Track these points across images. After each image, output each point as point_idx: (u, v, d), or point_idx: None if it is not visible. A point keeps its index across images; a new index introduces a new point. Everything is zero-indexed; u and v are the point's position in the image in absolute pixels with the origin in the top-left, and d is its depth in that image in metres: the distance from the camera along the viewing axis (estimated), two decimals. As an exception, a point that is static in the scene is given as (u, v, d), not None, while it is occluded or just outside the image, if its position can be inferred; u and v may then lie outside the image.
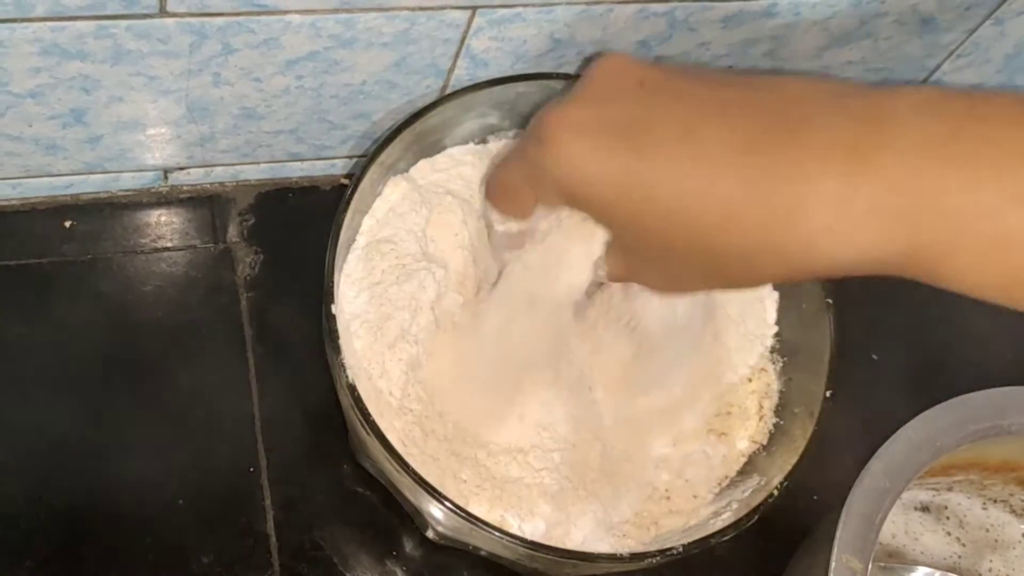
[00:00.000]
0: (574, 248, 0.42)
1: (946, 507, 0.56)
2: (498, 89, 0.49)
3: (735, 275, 0.36)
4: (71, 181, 0.53)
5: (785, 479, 0.45)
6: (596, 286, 0.45)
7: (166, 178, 0.55)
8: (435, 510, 0.43)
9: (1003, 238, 0.31)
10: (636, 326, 0.48)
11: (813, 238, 0.33)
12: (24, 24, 0.42)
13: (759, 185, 0.33)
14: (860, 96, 0.34)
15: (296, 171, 0.57)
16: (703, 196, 0.34)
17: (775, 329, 0.52)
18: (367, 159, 0.47)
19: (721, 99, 0.35)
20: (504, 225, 0.43)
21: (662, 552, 0.43)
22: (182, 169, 0.54)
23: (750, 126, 0.34)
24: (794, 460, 0.46)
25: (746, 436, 0.51)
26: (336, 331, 0.43)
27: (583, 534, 0.46)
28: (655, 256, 0.38)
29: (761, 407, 0.51)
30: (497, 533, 0.42)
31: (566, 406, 0.48)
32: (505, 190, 0.42)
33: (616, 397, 0.49)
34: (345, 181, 0.58)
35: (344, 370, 0.43)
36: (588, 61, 0.37)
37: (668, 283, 0.40)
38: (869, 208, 0.32)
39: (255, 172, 0.56)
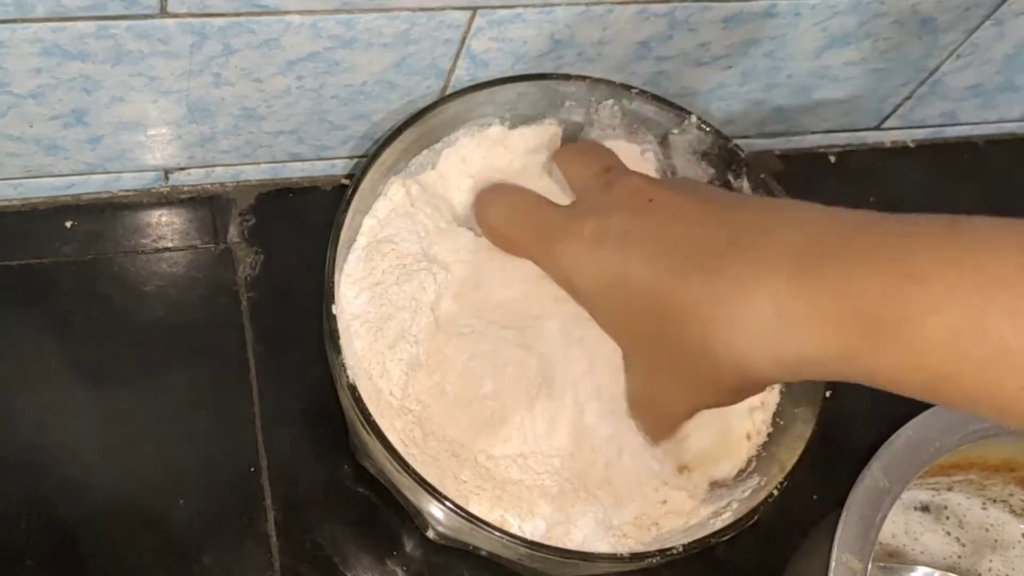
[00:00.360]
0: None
1: (946, 507, 0.56)
2: (499, 89, 0.49)
3: (710, 378, 0.40)
4: (72, 181, 0.53)
5: (785, 479, 0.45)
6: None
7: (167, 178, 0.55)
8: (435, 510, 0.43)
9: (921, 343, 0.33)
10: None
11: (759, 337, 0.36)
12: (25, 25, 0.42)
13: (715, 289, 0.38)
14: (825, 214, 0.38)
15: (297, 171, 0.57)
16: (675, 296, 0.39)
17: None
18: (368, 159, 0.47)
19: (708, 217, 0.40)
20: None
21: (662, 552, 0.43)
22: (183, 169, 0.54)
23: (721, 237, 0.39)
24: (794, 460, 0.46)
25: (745, 436, 0.51)
26: (336, 331, 0.43)
27: (583, 534, 0.46)
28: (645, 369, 0.43)
29: (761, 407, 0.51)
30: (497, 533, 0.42)
31: (565, 420, 0.48)
32: (504, 238, 0.47)
33: (614, 411, 0.49)
34: (346, 181, 0.58)
35: (344, 370, 0.43)
36: (616, 180, 0.44)
37: (668, 402, 0.44)
38: (809, 310, 0.35)
39: (256, 172, 0.56)
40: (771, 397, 0.51)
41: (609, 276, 0.41)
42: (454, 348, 0.47)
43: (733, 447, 0.50)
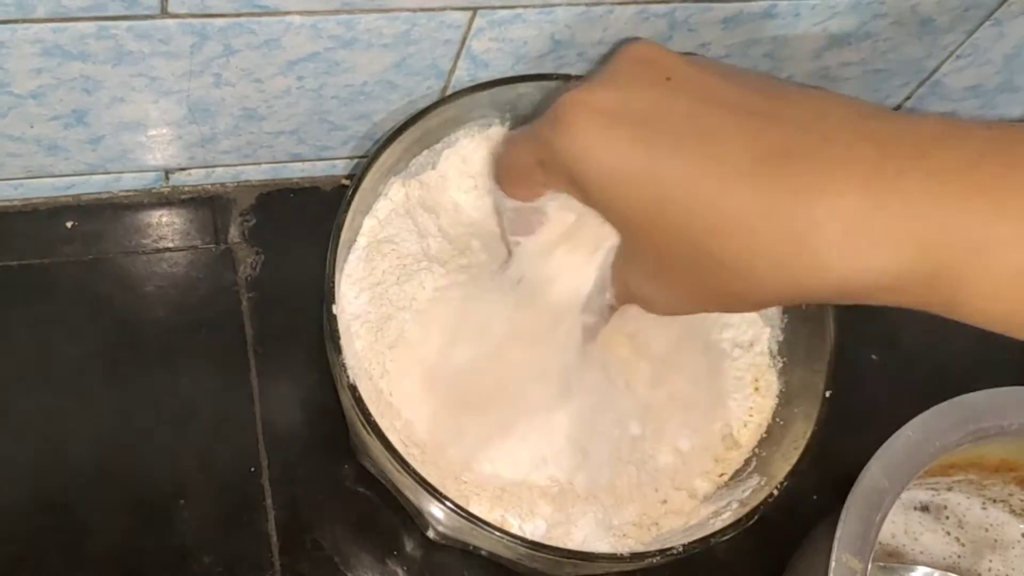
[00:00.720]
0: (577, 256, 0.41)
1: (946, 507, 0.56)
2: (499, 90, 0.49)
3: (738, 291, 0.35)
4: (72, 182, 0.53)
5: (785, 479, 0.45)
6: (608, 309, 0.44)
7: (167, 179, 0.55)
8: (436, 510, 0.43)
9: (1022, 270, 0.30)
10: (643, 351, 0.48)
11: (825, 256, 0.32)
12: (25, 25, 0.42)
13: (774, 198, 0.32)
14: (886, 120, 0.33)
15: (297, 172, 0.57)
16: (716, 203, 0.33)
17: (777, 333, 0.52)
18: (368, 160, 0.47)
19: (748, 106, 0.34)
20: (513, 204, 0.42)
21: (662, 552, 0.43)
22: (183, 170, 0.55)
23: (772, 138, 0.33)
24: (794, 460, 0.46)
25: (745, 436, 0.51)
26: (337, 331, 0.43)
27: (583, 534, 0.46)
28: (659, 266, 0.37)
29: (756, 405, 0.51)
30: (498, 533, 0.42)
31: (570, 432, 0.48)
32: (514, 170, 0.40)
33: (626, 421, 0.49)
34: (346, 182, 0.58)
35: (345, 370, 0.43)
36: (616, 47, 0.36)
37: (669, 301, 0.39)
38: (886, 231, 0.31)
39: (256, 173, 0.56)
40: (769, 400, 0.51)
41: (629, 168, 0.34)
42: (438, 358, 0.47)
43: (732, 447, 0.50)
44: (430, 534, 0.49)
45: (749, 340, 0.52)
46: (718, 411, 0.51)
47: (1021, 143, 0.31)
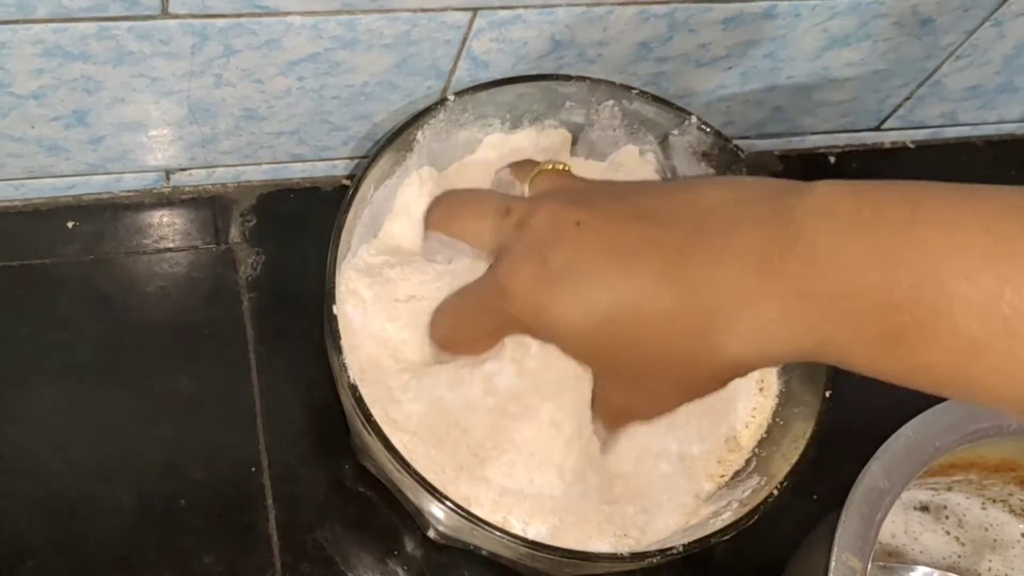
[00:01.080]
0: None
1: (945, 507, 0.56)
2: (499, 90, 0.49)
3: (694, 380, 0.40)
4: (73, 182, 0.53)
5: (785, 479, 0.45)
6: None
7: (168, 179, 0.55)
8: (436, 510, 0.43)
9: (892, 334, 0.33)
10: None
11: (741, 337, 0.37)
12: (26, 26, 0.42)
13: (690, 298, 0.37)
14: (767, 202, 0.37)
15: (298, 172, 0.57)
16: (649, 314, 0.38)
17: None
18: (368, 160, 0.47)
19: (647, 230, 0.39)
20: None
21: (662, 552, 0.43)
22: (184, 170, 0.55)
23: (676, 248, 0.38)
24: (794, 460, 0.46)
25: (746, 436, 0.51)
26: (338, 331, 0.43)
27: (584, 534, 0.46)
28: (631, 382, 0.42)
29: (759, 405, 0.51)
30: (498, 533, 0.42)
31: (568, 422, 0.47)
32: (467, 338, 0.46)
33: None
34: (346, 182, 0.58)
35: (346, 370, 0.43)
36: (528, 213, 0.42)
37: (652, 406, 0.43)
38: (780, 311, 0.35)
39: (257, 173, 0.56)
40: (769, 400, 0.51)
41: (570, 311, 0.40)
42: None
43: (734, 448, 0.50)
44: (430, 534, 0.49)
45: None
46: (728, 416, 0.51)
47: (882, 215, 0.34)
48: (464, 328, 0.46)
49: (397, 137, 0.47)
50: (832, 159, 0.67)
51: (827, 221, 0.35)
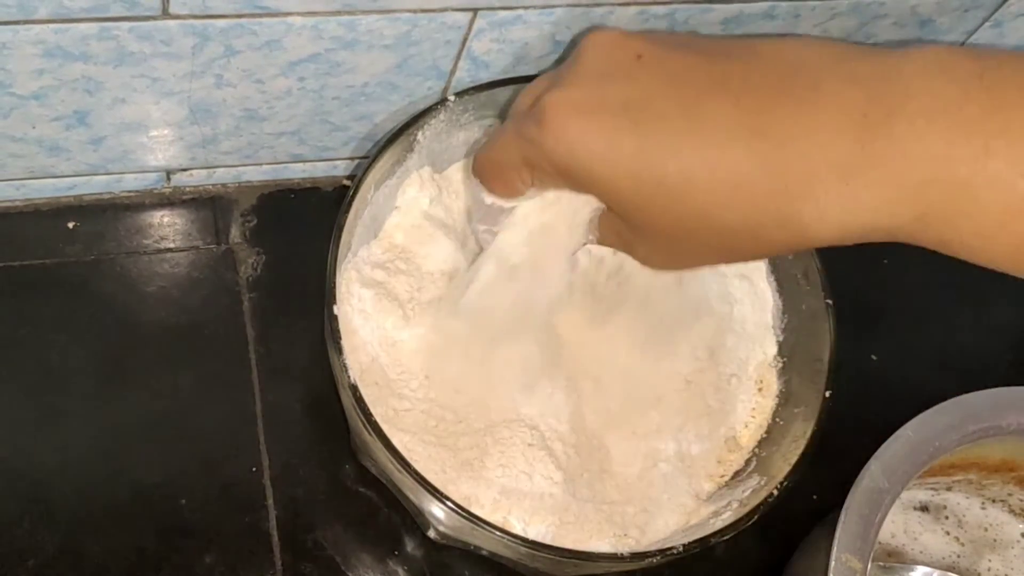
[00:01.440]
0: (561, 222, 0.41)
1: (945, 507, 0.56)
2: (499, 91, 0.49)
3: (741, 248, 0.36)
4: (74, 182, 0.53)
5: (785, 479, 0.45)
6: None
7: (169, 179, 0.55)
8: (437, 510, 0.43)
9: (1012, 207, 0.30)
10: (637, 317, 0.48)
11: (824, 206, 0.32)
12: (27, 26, 0.42)
13: (768, 157, 0.33)
14: (866, 60, 0.33)
15: (298, 172, 0.57)
16: (712, 172, 0.34)
17: (777, 333, 0.52)
18: (369, 160, 0.47)
19: (722, 71, 0.35)
20: (491, 200, 0.42)
21: (662, 552, 0.43)
22: (185, 170, 0.55)
23: (755, 97, 0.33)
24: (794, 460, 0.46)
25: (746, 436, 0.51)
26: (338, 331, 0.43)
27: (584, 534, 0.47)
28: (658, 234, 0.37)
29: (758, 405, 0.51)
30: (498, 533, 0.42)
31: (565, 400, 0.48)
32: (498, 169, 0.41)
33: (618, 397, 0.49)
34: (347, 182, 0.58)
35: (346, 370, 0.43)
36: (580, 37, 0.37)
37: (666, 260, 0.39)
38: (879, 176, 0.32)
39: (257, 173, 0.56)
40: (769, 400, 0.51)
41: (620, 154, 0.34)
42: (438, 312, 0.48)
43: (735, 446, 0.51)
44: (431, 534, 0.49)
45: (749, 343, 0.52)
46: (728, 416, 0.51)
47: (1004, 81, 0.31)
48: (496, 155, 0.40)
49: (397, 137, 0.47)
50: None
51: (945, 81, 0.31)
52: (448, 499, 0.42)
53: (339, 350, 0.43)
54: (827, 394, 0.47)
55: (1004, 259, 0.32)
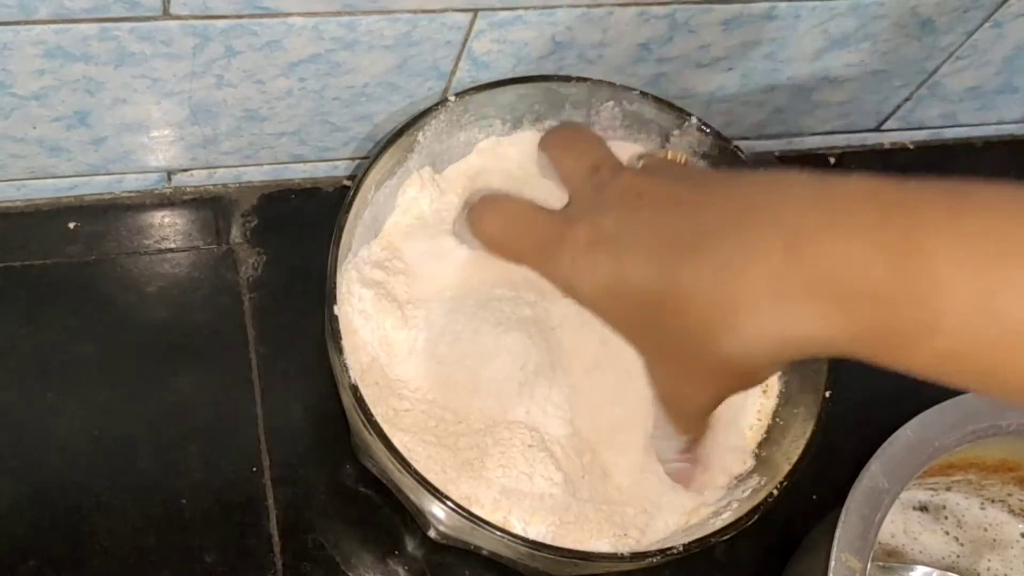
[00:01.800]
0: None
1: (944, 507, 0.57)
2: (500, 91, 0.50)
3: (717, 367, 0.38)
4: (75, 183, 0.53)
5: (785, 479, 0.45)
6: None
7: (169, 180, 0.55)
8: (437, 510, 0.43)
9: (929, 324, 0.32)
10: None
11: (759, 319, 0.34)
12: (28, 27, 0.42)
13: (707, 272, 0.35)
14: (805, 187, 0.35)
15: (299, 173, 0.57)
16: (669, 283, 0.36)
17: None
18: (369, 161, 0.47)
19: (677, 199, 0.38)
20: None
21: (662, 552, 0.43)
22: (185, 171, 0.55)
23: (703, 220, 0.36)
24: (794, 460, 0.46)
25: (748, 437, 0.51)
26: (339, 332, 0.43)
27: (584, 534, 0.47)
28: (659, 359, 0.40)
29: (761, 407, 0.51)
30: (499, 532, 0.42)
31: (565, 401, 0.48)
32: (511, 232, 0.43)
33: (619, 398, 0.49)
34: (347, 182, 0.58)
35: (346, 370, 0.43)
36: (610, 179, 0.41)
37: (697, 390, 0.41)
38: (806, 289, 0.33)
39: (258, 174, 0.56)
40: (769, 400, 0.51)
41: (606, 280, 0.39)
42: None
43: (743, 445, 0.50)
44: (431, 534, 0.49)
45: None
46: (738, 417, 0.51)
47: (924, 202, 0.33)
48: (512, 239, 0.43)
49: (398, 138, 0.47)
50: (832, 160, 0.67)
51: (867, 202, 0.33)
52: (448, 499, 0.42)
53: (339, 350, 0.43)
54: (827, 394, 0.47)
55: (930, 371, 0.33)
